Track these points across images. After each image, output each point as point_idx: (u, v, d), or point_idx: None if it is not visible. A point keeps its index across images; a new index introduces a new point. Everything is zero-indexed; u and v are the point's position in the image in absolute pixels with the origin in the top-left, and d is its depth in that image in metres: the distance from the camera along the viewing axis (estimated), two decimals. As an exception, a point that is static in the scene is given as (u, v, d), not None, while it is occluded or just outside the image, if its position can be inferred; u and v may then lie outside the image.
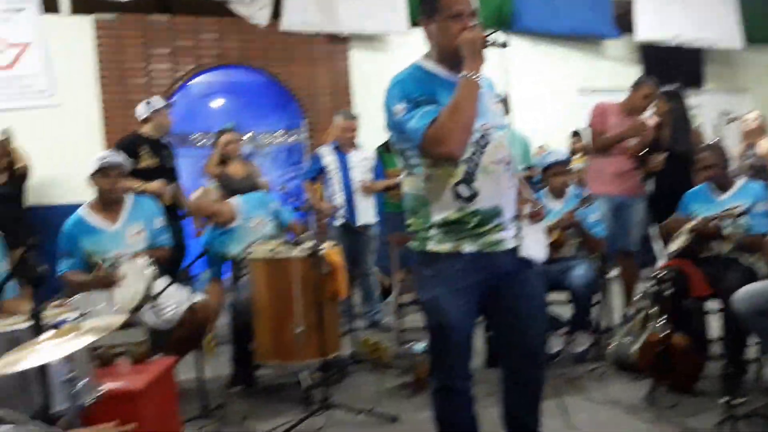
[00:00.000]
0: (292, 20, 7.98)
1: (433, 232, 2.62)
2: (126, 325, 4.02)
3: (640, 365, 4.15)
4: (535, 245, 2.72)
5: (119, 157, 4.44)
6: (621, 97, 5.79)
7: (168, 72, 7.73)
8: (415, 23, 8.26)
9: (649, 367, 4.07)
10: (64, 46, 7.39)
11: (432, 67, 2.65)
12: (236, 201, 4.86)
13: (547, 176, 5.07)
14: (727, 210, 4.22)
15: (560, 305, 4.87)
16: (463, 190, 2.57)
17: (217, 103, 8.62)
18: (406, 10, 8.22)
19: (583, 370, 4.60)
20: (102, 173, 4.30)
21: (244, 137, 7.43)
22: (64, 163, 6.81)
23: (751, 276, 4.13)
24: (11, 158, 6.53)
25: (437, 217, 2.61)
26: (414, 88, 2.54)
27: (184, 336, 4.12)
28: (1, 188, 6.19)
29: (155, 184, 5.37)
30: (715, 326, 4.42)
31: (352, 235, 5.83)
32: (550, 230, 4.85)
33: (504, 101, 5.22)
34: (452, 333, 2.66)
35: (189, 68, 7.81)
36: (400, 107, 2.53)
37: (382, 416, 3.88)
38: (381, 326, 5.88)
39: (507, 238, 2.65)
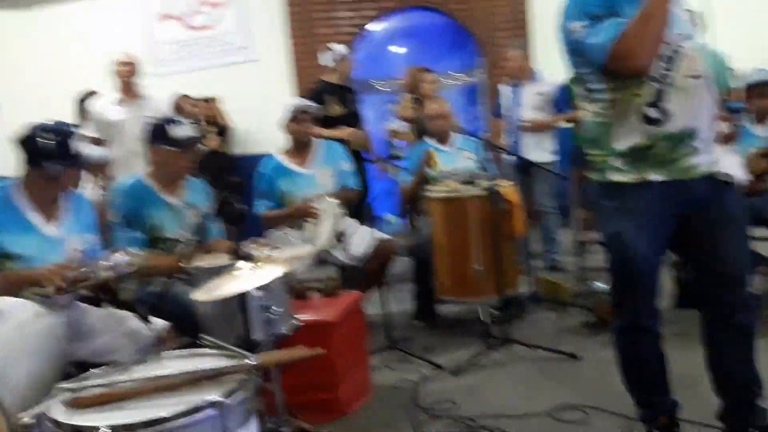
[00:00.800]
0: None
1: (616, 161, 2.45)
2: (319, 262, 4.42)
3: None
4: (733, 165, 2.55)
5: (309, 104, 4.71)
6: None
7: (352, 19, 7.97)
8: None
9: None
10: (256, 1, 7.83)
11: None
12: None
13: (751, 97, 4.71)
14: None
15: (765, 242, 4.61)
16: (653, 112, 2.37)
17: (397, 47, 8.76)
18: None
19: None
20: (294, 119, 4.59)
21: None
22: (261, 114, 7.17)
23: None
24: (218, 121, 7.12)
25: (622, 145, 2.42)
26: (593, 1, 2.35)
27: (371, 271, 4.37)
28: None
29: (342, 131, 5.60)
30: None
31: (525, 172, 5.70)
32: (755, 159, 4.61)
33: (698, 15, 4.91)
34: (638, 269, 2.50)
35: (370, 14, 8.00)
36: (578, 25, 2.36)
37: (563, 353, 3.92)
38: (559, 267, 5.81)
39: (701, 163, 2.42)
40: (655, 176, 2.42)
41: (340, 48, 5.98)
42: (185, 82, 7.42)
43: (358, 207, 5.61)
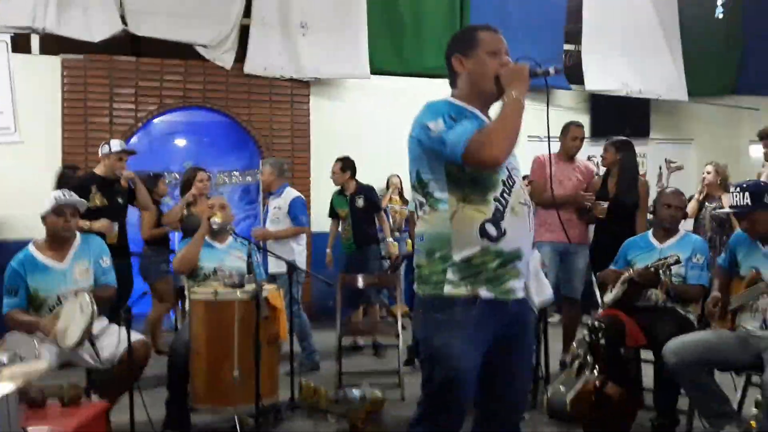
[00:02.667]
0: (255, 64, 8.18)
1: (450, 273, 2.51)
2: (64, 365, 4.15)
3: (574, 414, 4.15)
4: (547, 288, 2.76)
5: (74, 198, 4.48)
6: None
7: (131, 112, 7.86)
8: (375, 71, 8.52)
9: (582, 416, 4.11)
10: (31, 84, 7.56)
11: (461, 103, 2.62)
12: None
13: None
14: (664, 258, 4.32)
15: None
16: (491, 229, 2.49)
17: (178, 142, 8.73)
18: (367, 57, 8.43)
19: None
20: (57, 213, 4.33)
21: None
22: (24, 200, 6.84)
23: (687, 327, 4.23)
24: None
25: (458, 256, 2.50)
26: (448, 108, 2.54)
27: (121, 376, 4.12)
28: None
29: (101, 223, 5.44)
30: (651, 376, 4.46)
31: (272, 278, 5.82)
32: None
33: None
34: (463, 384, 2.53)
35: (152, 108, 7.95)
36: (437, 123, 2.49)
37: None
38: (314, 366, 6.00)
39: (519, 287, 2.58)
40: (485, 293, 2.51)
41: (115, 144, 5.82)
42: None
43: (115, 304, 5.48)
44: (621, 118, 9.99)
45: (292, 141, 8.43)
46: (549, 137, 2.76)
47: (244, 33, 8.15)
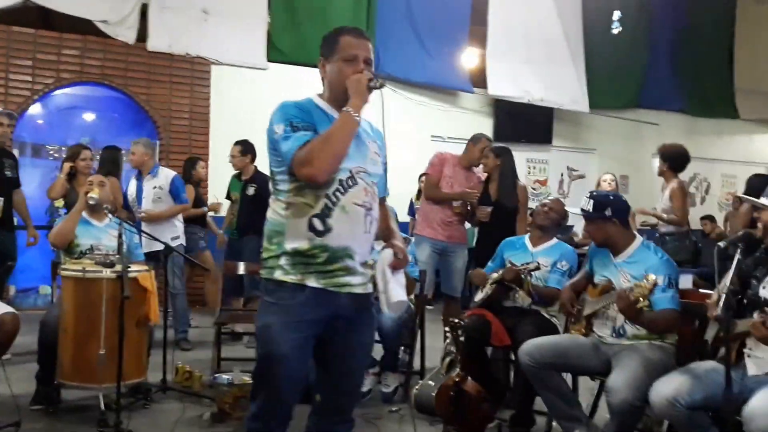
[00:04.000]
0: (158, 42, 8.08)
1: (283, 260, 2.62)
2: None
3: (437, 409, 4.28)
4: (399, 290, 2.71)
5: None
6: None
7: (27, 84, 7.66)
8: (271, 60, 8.56)
9: (442, 411, 4.23)
10: None
11: (322, 103, 2.74)
12: None
13: None
14: (526, 264, 4.52)
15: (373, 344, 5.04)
16: (318, 224, 2.59)
17: (75, 117, 8.54)
18: (265, 47, 8.52)
19: (386, 410, 4.78)
20: None
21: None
22: None
23: (549, 329, 4.39)
24: None
25: (289, 245, 2.62)
26: (297, 113, 2.63)
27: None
28: None
29: None
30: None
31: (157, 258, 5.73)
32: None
33: None
34: (281, 367, 2.61)
35: (49, 82, 7.76)
36: (279, 128, 2.60)
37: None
38: (186, 348, 6.15)
39: (354, 282, 2.66)
40: (312, 282, 2.61)
41: (-4, 107, 5.69)
42: None
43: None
44: (524, 123, 10.35)
45: (191, 123, 8.38)
46: (384, 137, 2.89)
47: (143, 12, 8.05)
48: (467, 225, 6.20)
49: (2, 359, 5.33)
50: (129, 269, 4.18)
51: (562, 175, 10.97)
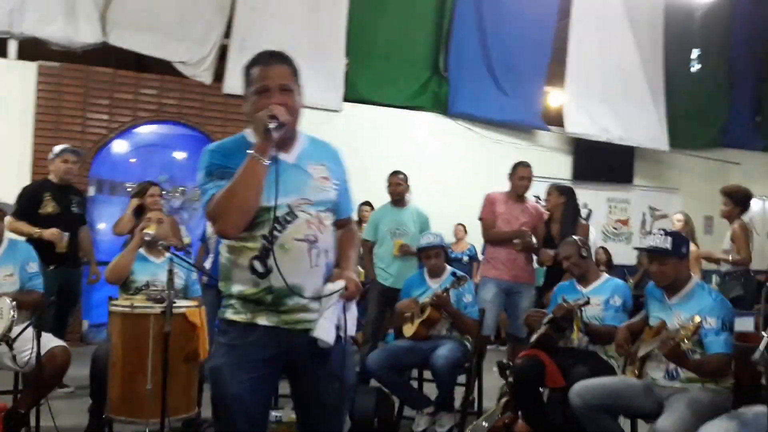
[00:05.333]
0: (234, 83, 8.24)
1: (233, 301, 2.54)
2: None
3: (485, 450, 4.19)
4: (327, 327, 2.52)
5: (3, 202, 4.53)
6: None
7: (104, 122, 7.94)
8: (348, 100, 8.66)
9: (491, 451, 4.13)
10: (4, 88, 7.62)
11: (252, 137, 2.55)
12: None
13: (421, 257, 5.22)
14: (575, 300, 4.34)
15: (430, 383, 4.93)
16: (258, 266, 2.47)
17: (152, 155, 8.77)
18: (342, 88, 8.66)
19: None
20: None
21: (174, 191, 7.65)
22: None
23: (604, 370, 4.21)
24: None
25: (235, 289, 2.52)
26: (216, 159, 2.49)
27: (40, 381, 4.13)
28: None
29: (50, 231, 5.46)
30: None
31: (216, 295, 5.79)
32: (422, 308, 4.99)
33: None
34: (234, 409, 2.49)
35: (125, 120, 8.02)
36: (199, 175, 2.51)
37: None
38: None
39: (309, 318, 2.51)
40: (263, 321, 2.49)
41: (59, 148, 5.86)
42: None
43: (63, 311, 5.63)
44: (604, 162, 10.09)
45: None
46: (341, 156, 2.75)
47: (222, 53, 8.28)
48: (536, 264, 6.04)
49: (64, 391, 5.51)
50: (175, 305, 4.19)
51: (644, 214, 10.61)
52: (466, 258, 8.76)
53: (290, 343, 2.51)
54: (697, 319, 3.37)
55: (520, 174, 5.89)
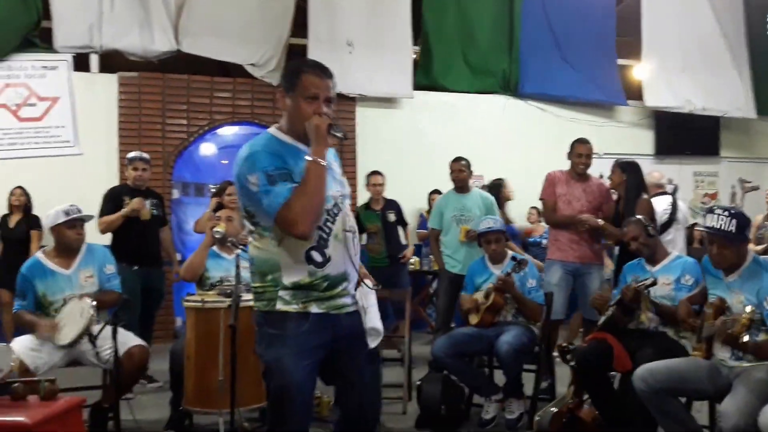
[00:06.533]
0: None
1: (282, 293, 2.67)
2: (72, 363, 4.50)
3: (550, 434, 4.16)
4: (377, 317, 2.86)
5: (83, 211, 4.78)
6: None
7: (183, 126, 8.24)
8: (418, 87, 8.67)
9: (555, 436, 4.10)
10: (89, 100, 8.03)
11: (283, 137, 2.74)
12: None
13: (481, 243, 5.21)
14: (641, 281, 4.26)
15: (500, 370, 4.94)
16: (317, 256, 2.67)
17: (231, 156, 9.02)
18: (411, 75, 8.67)
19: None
20: (70, 225, 4.67)
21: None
22: (84, 209, 7.21)
23: (674, 351, 4.09)
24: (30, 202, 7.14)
25: (288, 280, 2.66)
26: (269, 161, 2.62)
27: (120, 378, 4.36)
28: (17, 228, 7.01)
29: (135, 201, 5.80)
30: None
31: None
32: (486, 294, 4.99)
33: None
34: (295, 395, 2.66)
35: (202, 124, 8.30)
36: (254, 179, 2.61)
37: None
38: None
39: (349, 302, 2.78)
40: (315, 309, 2.68)
41: (132, 154, 6.14)
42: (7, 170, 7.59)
43: (148, 310, 5.92)
44: (688, 135, 9.77)
45: (341, 155, 8.58)
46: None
47: (289, 51, 8.42)
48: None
49: (152, 386, 5.78)
50: (243, 299, 4.33)
51: (733, 187, 10.18)
52: (545, 242, 8.66)
53: (335, 328, 2.73)
54: (749, 309, 3.30)
55: (578, 151, 5.76)
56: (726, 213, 3.66)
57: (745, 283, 3.57)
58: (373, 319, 2.86)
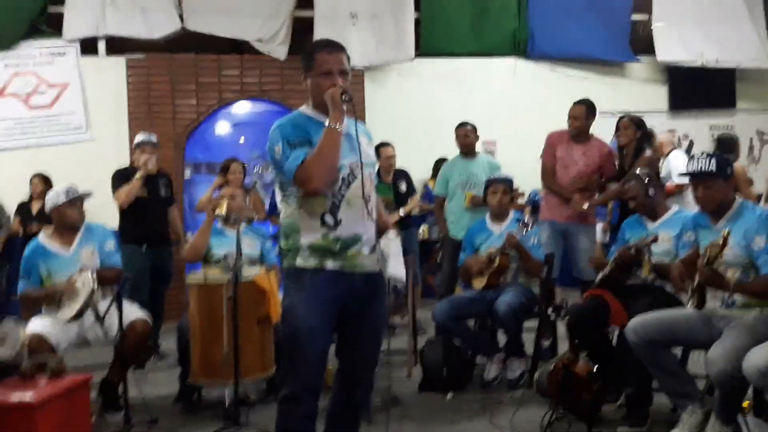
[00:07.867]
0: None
1: (301, 252, 2.99)
2: (81, 342, 4.65)
3: (549, 391, 4.19)
4: (397, 265, 3.12)
5: (80, 190, 4.88)
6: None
7: (192, 106, 8.31)
8: (421, 55, 8.62)
9: (552, 393, 4.13)
10: (98, 84, 8.15)
11: (309, 112, 3.06)
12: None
13: (488, 194, 5.24)
14: (642, 239, 4.27)
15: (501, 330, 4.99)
16: (329, 219, 2.96)
17: (241, 133, 9.07)
18: (413, 40, 8.65)
19: (508, 395, 4.74)
20: (71, 204, 4.78)
21: (266, 166, 8.00)
22: (97, 194, 7.31)
23: (669, 304, 4.11)
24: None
25: (305, 241, 2.98)
26: (291, 131, 2.94)
27: (126, 351, 4.47)
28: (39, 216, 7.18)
29: (143, 158, 5.96)
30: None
31: None
32: (490, 257, 5.01)
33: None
34: (307, 340, 2.94)
35: (212, 102, 8.36)
36: (278, 148, 2.93)
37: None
38: None
39: (365, 263, 3.03)
40: (330, 265, 2.97)
41: (139, 136, 6.23)
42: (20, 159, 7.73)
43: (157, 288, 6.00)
44: (703, 89, 9.58)
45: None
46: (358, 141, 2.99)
47: (295, 25, 8.42)
48: None
49: (164, 363, 5.91)
50: (241, 272, 4.41)
51: (751, 140, 9.99)
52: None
53: (350, 285, 3.00)
54: (725, 231, 3.35)
55: (569, 113, 5.74)
56: (704, 155, 3.79)
57: (733, 227, 3.58)
58: (396, 266, 3.23)
